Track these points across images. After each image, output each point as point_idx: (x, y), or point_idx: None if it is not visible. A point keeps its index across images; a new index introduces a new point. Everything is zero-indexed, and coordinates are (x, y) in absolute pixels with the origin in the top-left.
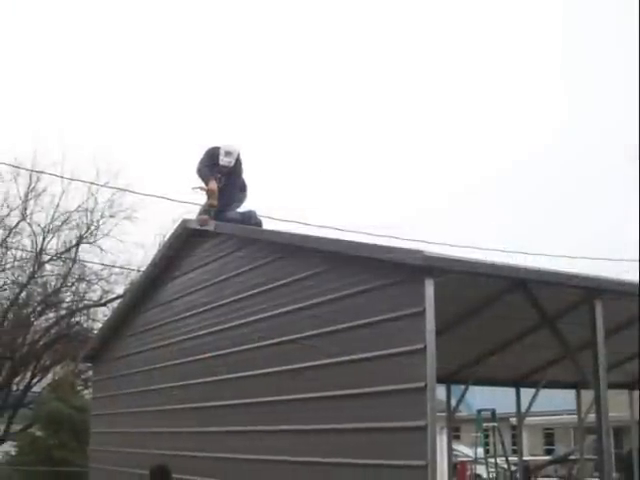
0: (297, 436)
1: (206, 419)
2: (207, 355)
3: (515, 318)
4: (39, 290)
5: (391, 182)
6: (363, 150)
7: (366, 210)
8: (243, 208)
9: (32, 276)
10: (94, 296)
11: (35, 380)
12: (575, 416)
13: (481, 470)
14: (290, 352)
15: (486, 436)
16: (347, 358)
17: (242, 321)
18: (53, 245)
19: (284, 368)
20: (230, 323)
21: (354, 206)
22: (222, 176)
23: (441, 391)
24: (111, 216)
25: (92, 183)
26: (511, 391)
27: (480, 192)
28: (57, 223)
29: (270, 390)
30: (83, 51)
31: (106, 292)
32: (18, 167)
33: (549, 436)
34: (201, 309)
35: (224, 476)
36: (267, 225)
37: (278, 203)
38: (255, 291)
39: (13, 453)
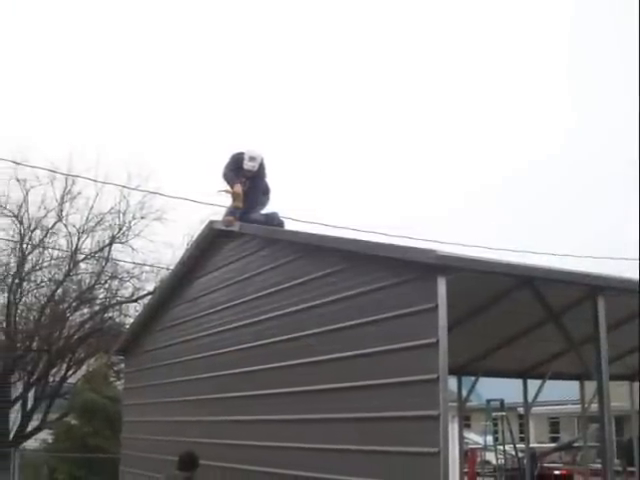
0: (316, 424)
1: (230, 409)
2: (231, 349)
3: (522, 314)
4: (74, 287)
5: (401, 185)
6: (376, 156)
7: (377, 211)
8: (266, 210)
9: (68, 274)
10: (126, 293)
11: (70, 372)
12: (579, 406)
13: (490, 457)
14: (310, 346)
15: (495, 425)
16: (364, 351)
17: (265, 316)
18: (87, 245)
19: (304, 361)
20: (254, 318)
21: (365, 208)
22: (246, 180)
23: (452, 382)
24: (142, 217)
25: (124, 186)
26: (518, 382)
27: (488, 195)
28: (91, 224)
29: (290, 381)
30: (114, 61)
31: (137, 289)
32: (54, 171)
33: (554, 425)
34: (226, 305)
35: (247, 462)
36: (289, 226)
37: (295, 205)
38: (277, 288)
39: (50, 441)
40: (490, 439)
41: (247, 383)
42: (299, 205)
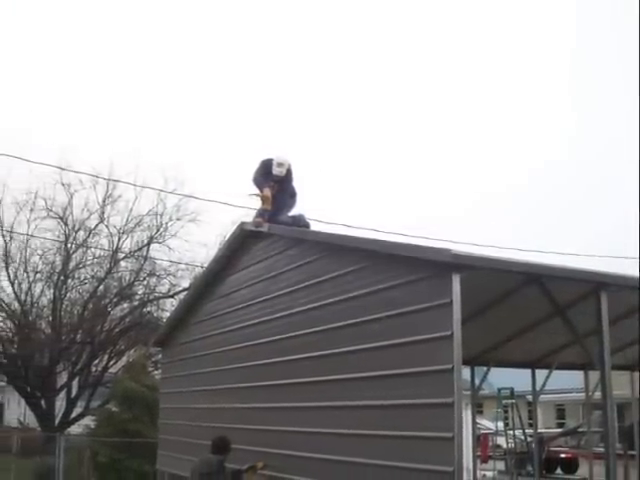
0: (338, 412)
1: (259, 397)
2: (260, 341)
3: (530, 308)
4: (115, 284)
5: (416, 187)
6: (393, 160)
7: (394, 212)
8: (293, 212)
9: (109, 272)
10: (163, 289)
11: (111, 362)
12: (583, 394)
13: (501, 441)
14: (333, 338)
15: (505, 411)
16: (384, 343)
17: (291, 311)
18: (127, 244)
19: (328, 352)
20: (281, 313)
21: (382, 209)
22: (275, 184)
23: (466, 372)
24: (178, 219)
25: (161, 190)
26: (527, 372)
27: (498, 197)
28: (131, 225)
29: (316, 372)
30: (152, 71)
31: (173, 285)
32: (97, 176)
33: (560, 411)
34: (256, 300)
35: (274, 446)
36: (314, 227)
37: (316, 206)
38: (302, 285)
39: (92, 426)
40: (501, 425)
41: (274, 373)
42: (320, 206)
